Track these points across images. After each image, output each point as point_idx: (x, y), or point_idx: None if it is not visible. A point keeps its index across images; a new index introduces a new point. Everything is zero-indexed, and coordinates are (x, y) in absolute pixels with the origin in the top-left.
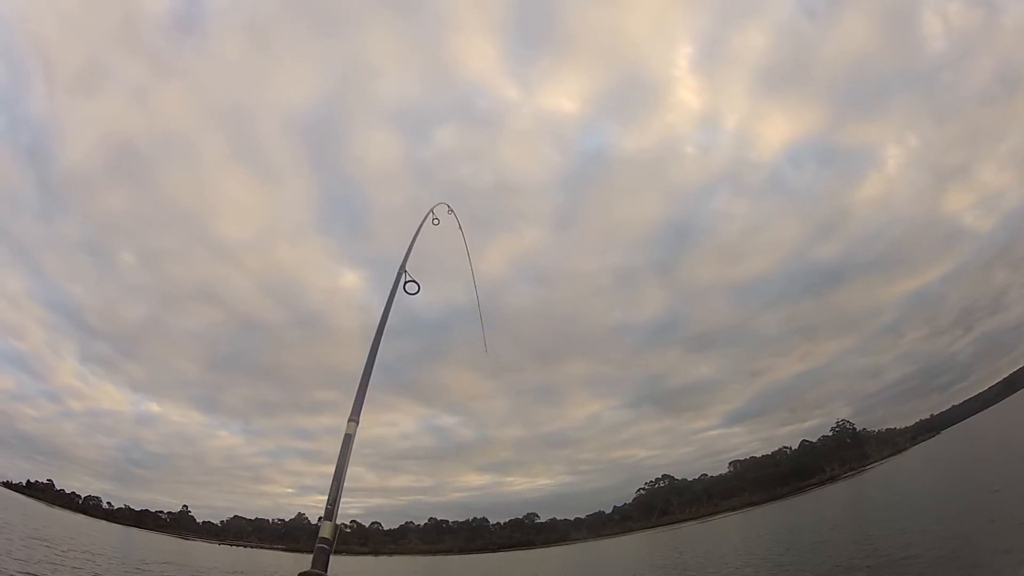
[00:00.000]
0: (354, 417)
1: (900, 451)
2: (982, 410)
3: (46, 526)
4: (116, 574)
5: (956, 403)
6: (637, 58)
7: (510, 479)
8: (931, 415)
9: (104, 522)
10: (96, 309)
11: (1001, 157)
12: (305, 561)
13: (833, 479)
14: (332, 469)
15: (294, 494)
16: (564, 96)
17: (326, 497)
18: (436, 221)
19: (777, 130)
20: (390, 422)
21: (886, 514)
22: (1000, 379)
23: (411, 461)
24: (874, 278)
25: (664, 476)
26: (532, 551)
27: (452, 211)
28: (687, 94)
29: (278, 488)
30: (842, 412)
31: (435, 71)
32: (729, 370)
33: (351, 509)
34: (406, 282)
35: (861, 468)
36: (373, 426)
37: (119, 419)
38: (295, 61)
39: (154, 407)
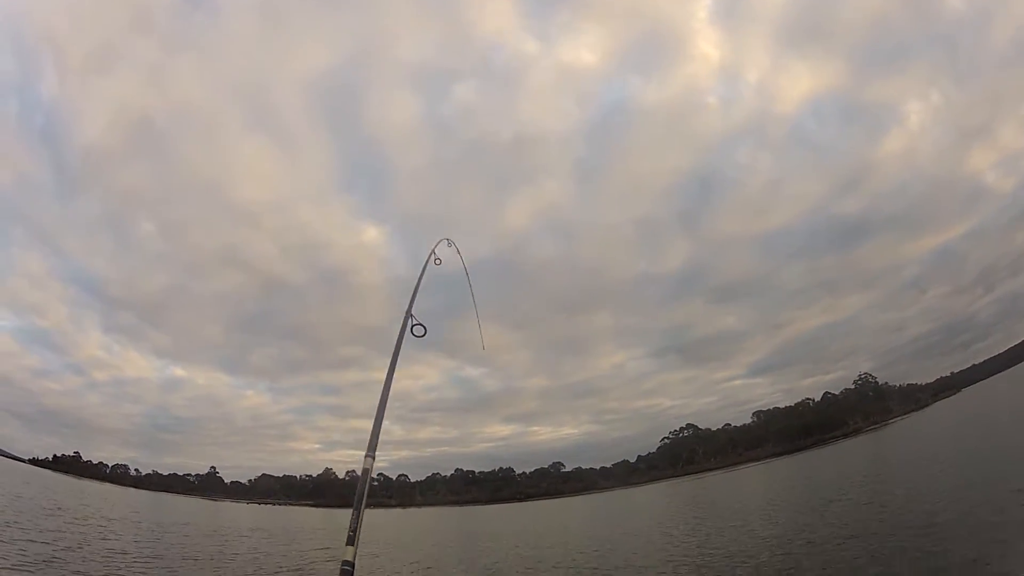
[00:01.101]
0: (370, 453)
1: (922, 407)
2: (1002, 371)
3: (66, 497)
4: (133, 538)
5: (976, 362)
6: (656, 10)
7: (535, 429)
8: (951, 373)
9: (132, 489)
10: (118, 281)
11: (1022, 119)
12: (332, 516)
13: (856, 432)
14: (358, 423)
15: (321, 449)
16: (584, 49)
17: (352, 452)
18: (438, 261)
19: (799, 84)
20: (416, 375)
21: (909, 473)
22: (1021, 340)
23: (437, 413)
24: (896, 233)
25: (688, 425)
26: (560, 500)
27: (453, 244)
28: (707, 46)
29: (305, 445)
30: (864, 366)
31: (452, 29)
32: (752, 321)
33: (379, 463)
34: (413, 325)
35: (884, 422)
36: (399, 379)
37: (144, 386)
38: (310, 27)
39: (179, 372)
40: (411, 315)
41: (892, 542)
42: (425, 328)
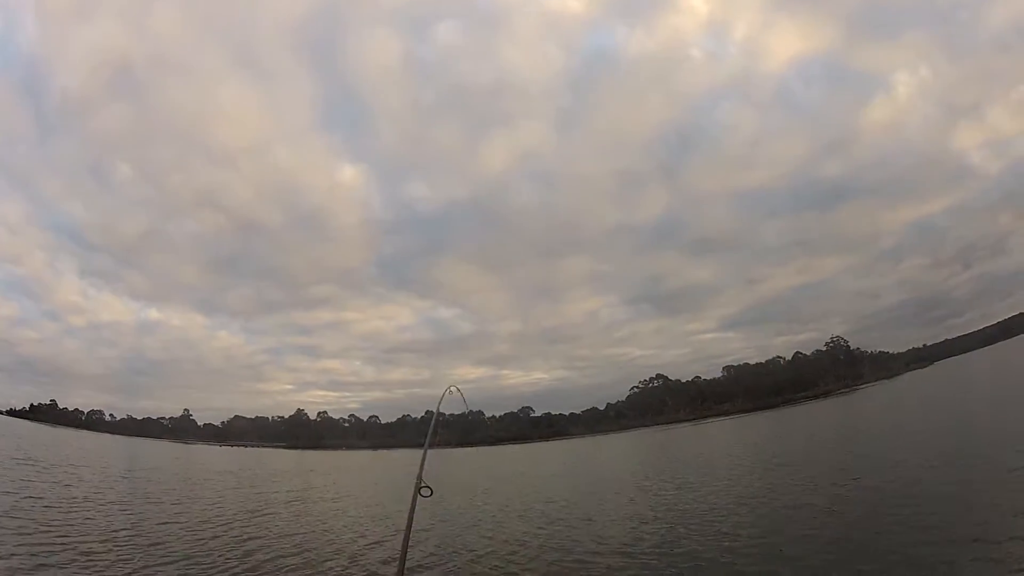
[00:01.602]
0: None
1: (894, 375)
2: (975, 349)
3: (37, 446)
4: (97, 485)
5: (950, 337)
6: None
7: (506, 373)
8: (924, 345)
9: (108, 435)
10: (95, 225)
11: (1013, 104)
12: (303, 457)
13: (827, 394)
14: (329, 364)
15: (294, 391)
16: None
17: (324, 392)
18: (443, 423)
19: (787, 44)
20: (388, 315)
21: (882, 438)
22: (995, 322)
23: (409, 354)
24: (878, 202)
25: (658, 376)
26: (530, 445)
27: (459, 390)
28: None
29: (278, 385)
30: (837, 329)
31: None
32: (727, 276)
33: (349, 404)
34: (421, 487)
35: (855, 387)
36: (372, 319)
37: (120, 330)
38: None
39: (155, 313)
40: (421, 478)
41: (860, 508)
42: (431, 490)
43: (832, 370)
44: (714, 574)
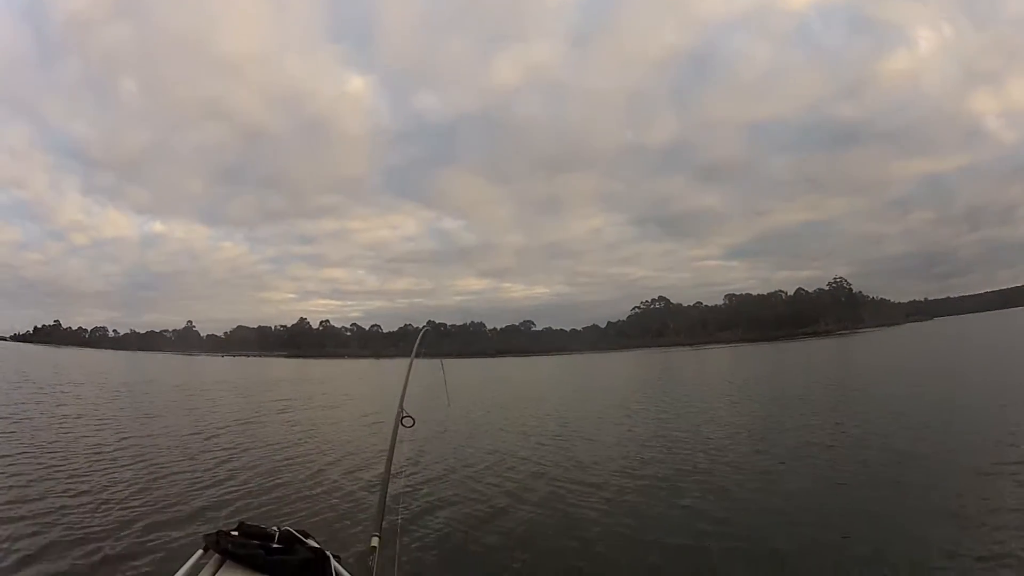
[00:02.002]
0: (377, 532)
1: (894, 324)
2: (974, 311)
3: (37, 367)
4: (92, 401)
5: (952, 295)
6: None
7: (508, 285)
8: (925, 299)
9: (110, 351)
10: (98, 142)
11: None
12: (304, 366)
13: (827, 333)
14: (332, 272)
15: (296, 299)
16: None
17: (326, 301)
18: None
19: None
20: (393, 225)
21: (885, 382)
22: (997, 289)
23: (412, 264)
24: (889, 150)
25: (660, 298)
26: (531, 358)
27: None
28: None
29: (281, 295)
30: (840, 270)
31: None
32: (734, 205)
33: (352, 313)
34: (403, 417)
35: (855, 330)
36: (376, 228)
37: (124, 245)
38: None
39: (158, 227)
40: (403, 409)
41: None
42: (413, 420)
43: (833, 310)
44: (715, 497)
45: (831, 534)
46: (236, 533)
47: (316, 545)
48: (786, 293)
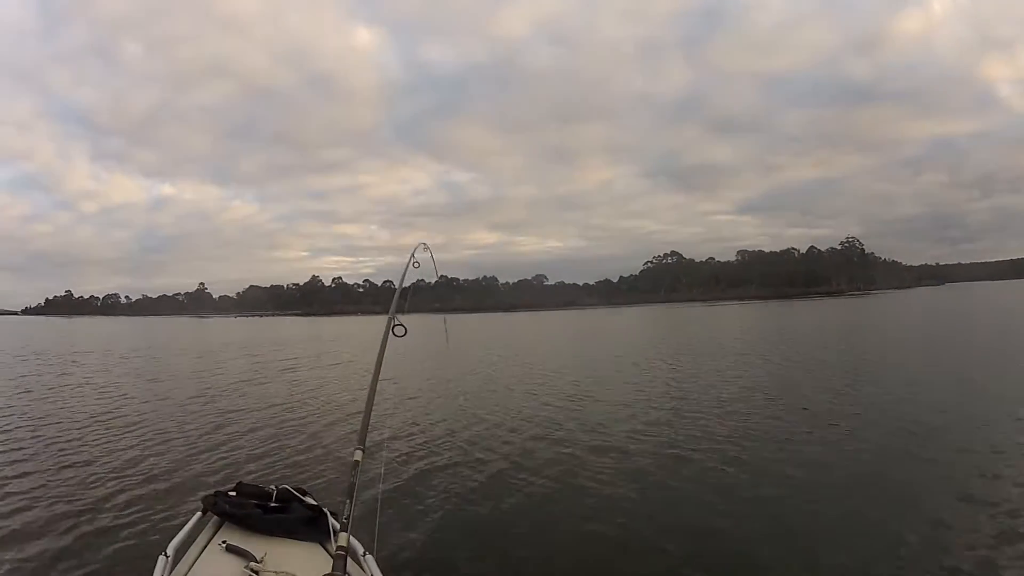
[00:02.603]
0: (360, 445)
1: (906, 287)
2: (985, 279)
3: (43, 340)
4: (95, 369)
5: (962, 261)
6: None
7: (520, 239)
8: (936, 263)
9: (123, 317)
10: (105, 107)
11: None
12: (315, 324)
13: (840, 293)
14: (344, 228)
15: (309, 256)
16: None
17: (338, 258)
18: (416, 264)
19: None
20: (404, 179)
21: (908, 345)
22: (1008, 258)
23: (423, 218)
24: (901, 110)
25: (672, 252)
26: (544, 312)
27: (428, 249)
28: None
29: (292, 252)
30: (852, 230)
31: None
32: (746, 159)
33: (364, 269)
34: (395, 326)
35: (867, 291)
36: (387, 183)
37: (133, 210)
38: None
39: (168, 189)
40: (395, 317)
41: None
42: (405, 328)
43: (845, 270)
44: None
45: (849, 510)
46: (234, 494)
47: (314, 503)
48: (798, 251)
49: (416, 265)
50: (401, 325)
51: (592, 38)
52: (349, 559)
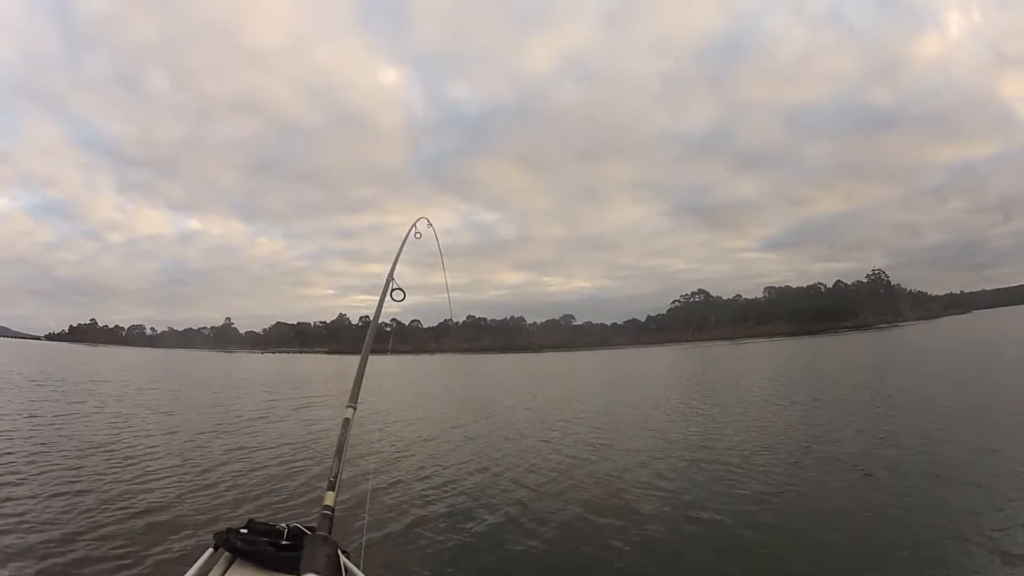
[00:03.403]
0: (352, 403)
1: (933, 317)
2: (1011, 304)
3: (63, 366)
4: (111, 399)
5: (987, 288)
6: None
7: (547, 279)
8: (961, 291)
9: (148, 349)
10: (131, 138)
11: None
12: (341, 361)
13: (867, 327)
14: (372, 267)
15: (335, 295)
16: None
17: (365, 297)
18: (418, 235)
19: None
20: (430, 218)
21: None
22: None
23: (450, 258)
24: (923, 136)
25: (700, 291)
26: (574, 353)
27: (431, 225)
28: None
29: (319, 291)
30: (877, 262)
31: None
32: (771, 193)
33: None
34: (393, 290)
35: (895, 323)
36: (414, 222)
37: (160, 242)
38: None
39: (194, 223)
40: (392, 279)
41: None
42: (404, 293)
43: (872, 303)
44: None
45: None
46: (245, 531)
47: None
48: (825, 286)
49: (418, 236)
50: (400, 289)
51: (616, 74)
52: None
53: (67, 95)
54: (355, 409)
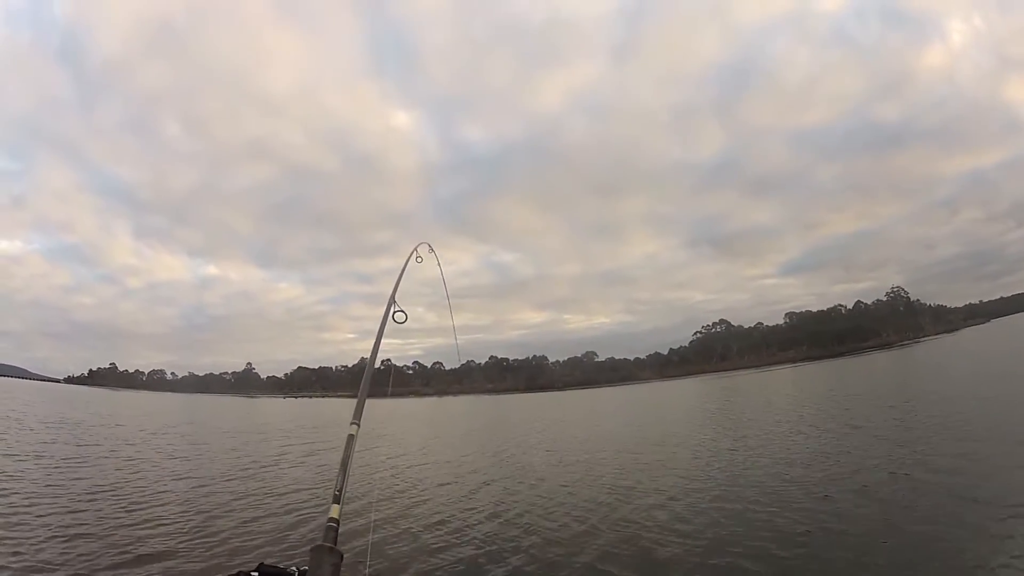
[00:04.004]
0: (356, 420)
1: (954, 330)
2: None
3: (79, 409)
4: (122, 442)
5: (1005, 295)
6: None
7: (567, 317)
8: (980, 301)
9: (169, 393)
10: (146, 184)
11: None
12: (369, 406)
13: (889, 345)
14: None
15: (356, 339)
16: None
17: (387, 340)
18: (420, 259)
19: None
20: (449, 260)
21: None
22: None
23: (470, 299)
24: (932, 149)
25: (721, 321)
26: (599, 390)
27: (433, 250)
28: None
29: (340, 335)
30: (895, 279)
31: None
32: (785, 219)
33: (412, 351)
34: (395, 312)
35: (916, 339)
36: (433, 265)
37: (178, 288)
38: None
39: (212, 269)
40: (394, 301)
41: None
42: (406, 315)
43: (893, 321)
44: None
45: None
46: (256, 574)
47: None
48: (845, 307)
49: (419, 260)
50: (402, 311)
51: (626, 108)
52: None
53: (81, 140)
54: (358, 426)
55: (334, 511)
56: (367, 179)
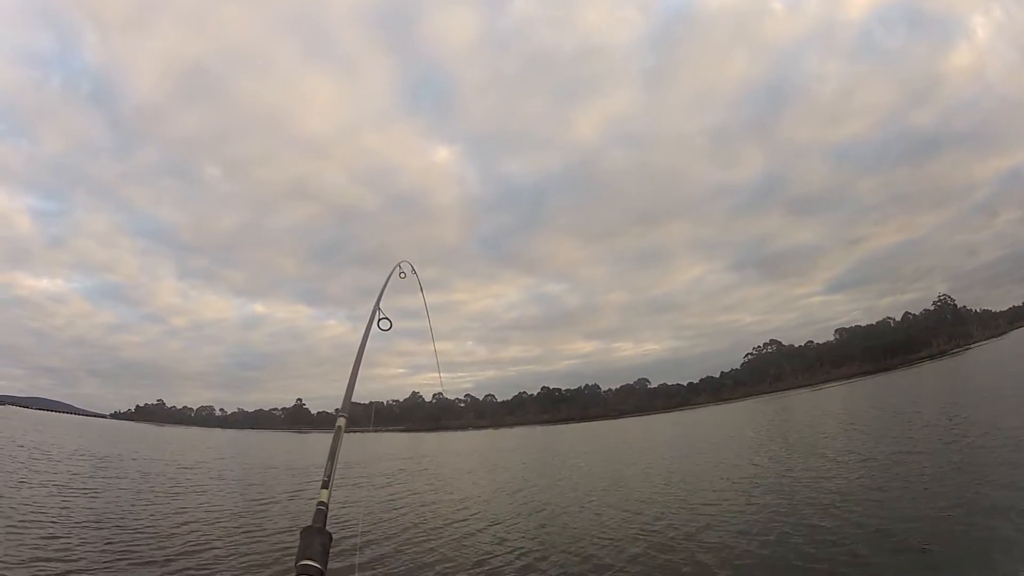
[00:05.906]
0: (343, 412)
1: (1001, 334)
2: None
3: (123, 444)
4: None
5: None
6: None
7: (618, 345)
8: (1023, 302)
9: (218, 430)
10: (188, 226)
11: None
12: (419, 440)
13: (941, 354)
14: (440, 346)
15: (407, 374)
16: None
17: (436, 374)
18: (403, 275)
19: None
20: (496, 294)
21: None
22: None
23: (519, 332)
24: (967, 151)
25: (772, 341)
26: (654, 416)
27: (415, 271)
28: None
29: (390, 370)
30: (939, 287)
31: None
32: (829, 236)
33: (463, 384)
34: (380, 319)
35: (966, 346)
36: (480, 299)
37: (224, 327)
38: None
39: (259, 308)
40: (379, 309)
41: None
42: (391, 322)
43: (942, 330)
44: None
45: None
46: None
47: None
48: (894, 319)
49: (402, 275)
50: (387, 319)
51: (663, 134)
52: None
53: (119, 183)
54: (346, 418)
55: (323, 495)
56: (410, 216)
